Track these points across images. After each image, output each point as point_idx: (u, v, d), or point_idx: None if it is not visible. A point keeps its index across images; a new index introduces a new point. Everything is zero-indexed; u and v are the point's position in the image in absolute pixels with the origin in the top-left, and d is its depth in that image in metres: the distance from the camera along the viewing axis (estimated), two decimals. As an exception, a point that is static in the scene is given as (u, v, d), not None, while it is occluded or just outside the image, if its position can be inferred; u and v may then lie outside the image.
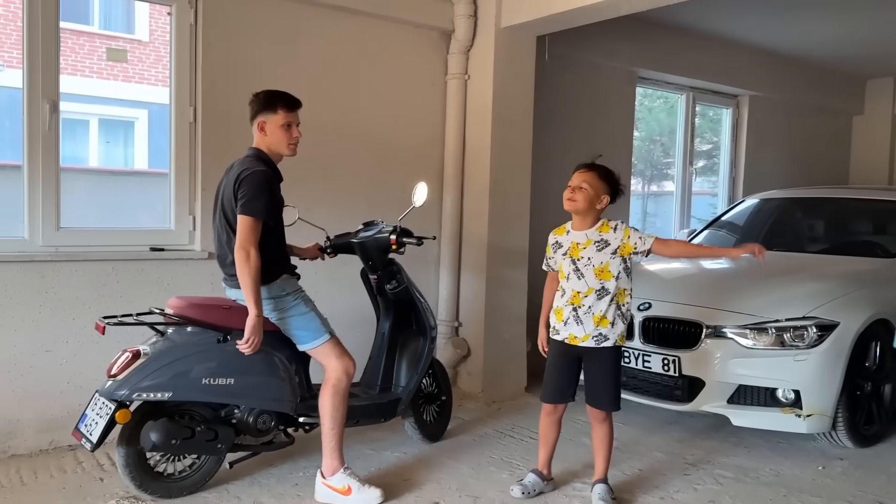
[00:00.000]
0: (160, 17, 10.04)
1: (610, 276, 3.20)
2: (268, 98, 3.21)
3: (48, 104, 3.77)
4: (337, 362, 3.26)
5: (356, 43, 4.75)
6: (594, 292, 3.21)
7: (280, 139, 3.21)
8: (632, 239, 3.19)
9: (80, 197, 4.44)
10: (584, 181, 3.21)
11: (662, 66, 6.53)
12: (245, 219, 3.04)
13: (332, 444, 3.27)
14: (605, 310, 3.20)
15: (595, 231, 3.25)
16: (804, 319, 3.96)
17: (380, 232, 3.75)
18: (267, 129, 3.20)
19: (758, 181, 7.50)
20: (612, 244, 3.21)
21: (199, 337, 3.21)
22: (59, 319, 3.82)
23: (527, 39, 5.10)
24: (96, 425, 3.05)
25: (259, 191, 3.06)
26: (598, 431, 3.36)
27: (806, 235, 5.71)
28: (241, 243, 3.02)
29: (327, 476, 3.29)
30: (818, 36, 6.68)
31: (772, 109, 7.75)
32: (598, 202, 3.22)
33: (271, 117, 3.19)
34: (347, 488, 3.25)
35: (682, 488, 3.57)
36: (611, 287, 3.20)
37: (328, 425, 3.26)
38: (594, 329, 3.22)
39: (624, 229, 3.22)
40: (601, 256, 3.21)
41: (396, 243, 3.68)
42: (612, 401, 3.30)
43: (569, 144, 6.00)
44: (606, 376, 3.27)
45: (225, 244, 3.23)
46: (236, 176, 3.12)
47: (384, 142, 4.89)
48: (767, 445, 4.19)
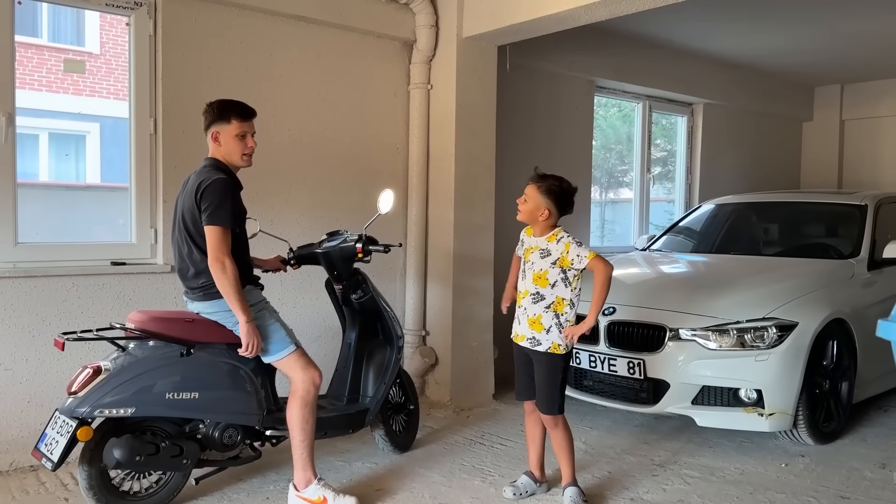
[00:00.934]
0: (111, 28, 9.87)
1: (546, 284, 3.28)
2: (221, 107, 3.18)
3: (4, 117, 3.68)
4: (303, 374, 3.24)
5: (318, 53, 4.75)
6: (530, 295, 3.31)
7: (234, 149, 3.18)
8: (570, 254, 3.24)
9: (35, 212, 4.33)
10: (526, 193, 3.32)
11: (620, 76, 6.66)
12: (213, 229, 3.02)
13: (304, 456, 3.24)
14: (540, 314, 3.28)
15: (544, 240, 3.34)
16: (764, 320, 4.06)
17: (345, 241, 3.74)
18: (221, 139, 3.17)
19: (713, 187, 7.68)
20: (553, 254, 3.28)
21: (161, 351, 3.16)
22: (18, 337, 3.72)
23: (488, 49, 5.16)
24: (57, 444, 2.97)
25: (222, 199, 3.04)
26: (553, 437, 3.41)
27: (761, 239, 5.86)
28: (214, 255, 3.00)
29: (301, 489, 3.26)
30: (768, 45, 6.89)
31: (725, 117, 7.95)
32: (538, 214, 3.29)
33: (225, 127, 3.17)
34: (322, 499, 3.23)
35: (651, 489, 3.62)
36: (545, 294, 3.28)
37: (298, 437, 3.23)
38: (528, 330, 3.32)
39: (566, 243, 3.27)
40: (542, 263, 3.30)
41: (363, 251, 3.68)
42: (544, 404, 3.34)
43: (529, 153, 6.07)
44: (541, 380, 3.34)
45: (186, 257, 3.19)
46: (196, 187, 3.09)
47: (348, 152, 4.89)
48: (731, 445, 4.28)
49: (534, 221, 3.34)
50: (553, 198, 3.28)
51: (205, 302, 3.18)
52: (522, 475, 3.55)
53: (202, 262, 3.11)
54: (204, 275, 3.12)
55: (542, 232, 3.35)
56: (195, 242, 3.13)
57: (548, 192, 3.28)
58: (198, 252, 3.14)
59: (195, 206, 3.08)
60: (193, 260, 3.15)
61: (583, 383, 4.51)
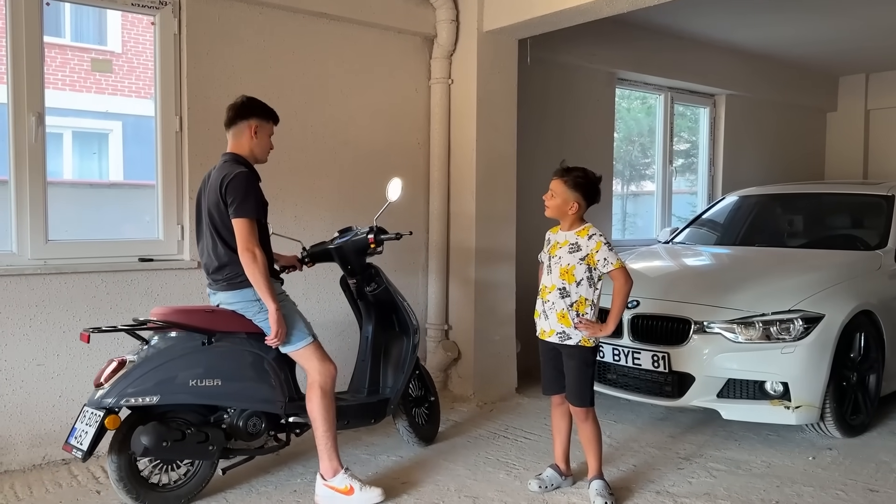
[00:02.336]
0: (133, 27, 9.97)
1: (572, 280, 3.27)
2: (265, 107, 3.35)
3: (34, 117, 3.74)
4: (320, 365, 3.31)
5: (339, 49, 4.77)
6: (557, 290, 3.30)
7: (265, 146, 3.37)
8: (599, 255, 3.24)
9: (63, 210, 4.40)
10: (552, 189, 3.33)
11: (641, 68, 6.62)
12: (241, 221, 3.12)
13: (328, 446, 3.30)
14: (566, 310, 3.28)
15: (573, 234, 3.33)
16: (790, 312, 4.03)
17: (355, 235, 3.79)
18: (259, 134, 3.32)
19: (736, 179, 7.62)
20: (582, 250, 3.28)
21: (183, 341, 3.23)
22: (50, 333, 3.79)
23: (509, 43, 5.15)
24: (86, 435, 3.03)
25: (247, 192, 3.15)
26: (581, 430, 3.41)
27: (786, 231, 5.81)
28: (244, 245, 3.10)
29: (328, 478, 3.31)
30: (791, 35, 6.82)
31: (748, 108, 7.88)
32: (567, 208, 3.30)
33: (265, 125, 3.34)
34: (350, 488, 3.29)
35: (677, 482, 3.62)
36: (571, 290, 3.27)
37: (321, 428, 3.29)
38: (557, 325, 3.30)
39: (598, 241, 3.26)
40: (570, 258, 3.29)
41: (375, 241, 3.73)
42: (576, 397, 3.34)
43: (550, 147, 6.06)
44: (572, 373, 3.34)
45: (211, 251, 3.27)
46: (220, 181, 3.17)
47: (369, 148, 4.91)
48: (757, 438, 4.25)
49: (563, 216, 3.34)
50: (581, 190, 3.29)
51: (227, 292, 3.27)
52: (548, 468, 3.56)
53: (226, 255, 3.21)
54: (228, 267, 3.22)
55: (571, 226, 3.35)
56: (221, 236, 3.21)
57: (574, 185, 3.29)
58: (222, 245, 3.22)
59: (220, 200, 3.16)
60: (218, 254, 3.23)
61: (607, 377, 4.50)
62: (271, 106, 3.40)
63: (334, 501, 3.30)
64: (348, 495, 3.28)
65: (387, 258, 4.91)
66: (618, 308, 3.26)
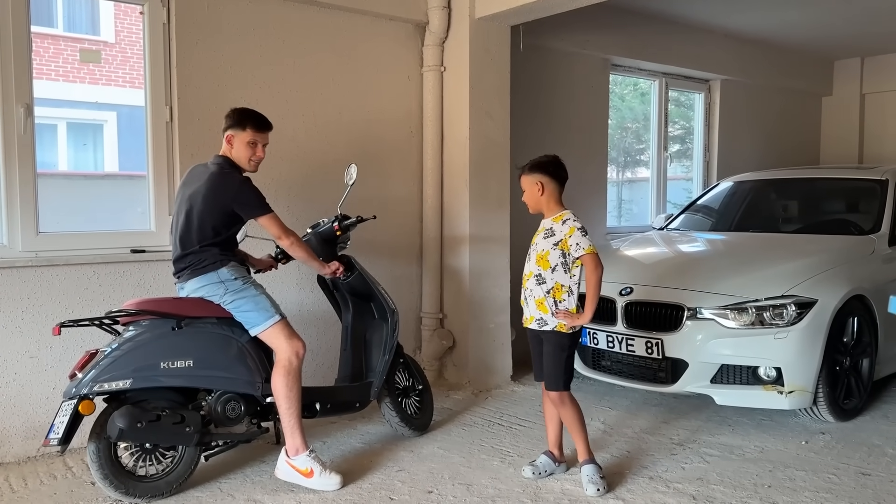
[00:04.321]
0: (125, 17, 9.90)
1: (547, 266, 3.30)
2: (240, 116, 3.44)
3: (22, 108, 3.72)
4: (286, 343, 3.35)
5: (330, 37, 4.74)
6: (534, 276, 3.34)
7: (243, 155, 3.43)
8: (572, 239, 3.26)
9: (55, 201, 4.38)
10: (522, 186, 3.40)
11: (635, 53, 6.59)
12: (268, 218, 3.35)
13: (291, 424, 3.35)
14: (543, 297, 3.31)
15: (550, 220, 3.37)
16: (783, 298, 4.04)
17: (323, 226, 3.85)
18: (234, 142, 3.43)
19: (731, 164, 7.61)
20: (556, 235, 3.31)
21: (153, 327, 3.27)
22: (43, 325, 3.78)
23: (501, 30, 5.12)
24: (62, 425, 3.06)
25: (253, 190, 3.37)
26: (561, 414, 3.45)
27: (780, 216, 5.81)
28: (281, 235, 3.38)
29: (291, 455, 3.37)
30: (787, 19, 6.78)
31: (743, 93, 7.85)
32: (538, 192, 3.35)
33: (239, 133, 3.42)
34: (310, 471, 3.34)
35: (671, 468, 3.63)
36: (546, 277, 3.30)
37: (283, 405, 3.34)
38: (536, 311, 3.35)
39: (571, 226, 3.28)
40: (544, 244, 3.33)
41: (340, 228, 3.79)
42: (550, 380, 3.39)
43: (544, 134, 6.04)
44: (547, 357, 3.38)
45: (179, 241, 3.39)
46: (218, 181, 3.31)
47: (361, 137, 4.89)
48: (751, 423, 4.27)
49: (539, 204, 3.38)
50: (540, 170, 3.35)
51: (192, 279, 3.35)
52: (542, 455, 3.58)
53: (197, 242, 3.32)
54: (192, 255, 3.34)
55: (549, 213, 3.39)
56: (198, 224, 3.31)
57: (531, 169, 3.36)
58: (196, 233, 3.32)
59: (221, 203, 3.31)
60: (188, 240, 3.33)
61: (601, 363, 4.51)
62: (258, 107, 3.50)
63: (293, 479, 3.37)
64: (307, 477, 3.34)
65: (380, 248, 4.93)
66: (592, 295, 3.26)
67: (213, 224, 3.32)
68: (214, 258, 3.33)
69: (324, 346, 4.64)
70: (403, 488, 3.42)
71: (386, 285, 4.08)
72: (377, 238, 4.83)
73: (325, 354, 4.60)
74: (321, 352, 4.62)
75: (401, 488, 3.42)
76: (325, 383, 4.12)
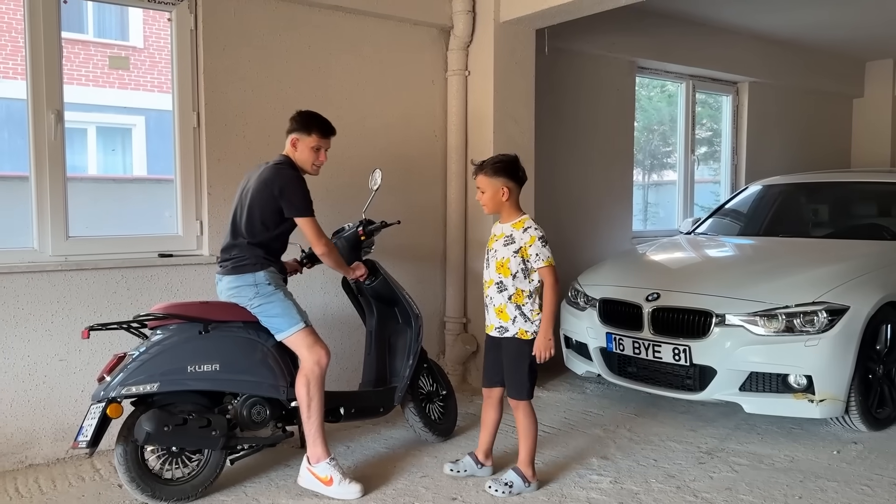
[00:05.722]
0: (154, 23, 10.03)
1: (508, 273, 3.27)
2: (306, 120, 3.48)
3: (53, 114, 3.77)
4: (308, 352, 3.35)
5: (355, 42, 4.75)
6: (494, 284, 3.32)
7: (306, 158, 3.48)
8: (532, 249, 3.23)
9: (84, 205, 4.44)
10: (478, 186, 3.33)
11: (662, 56, 6.53)
12: (306, 220, 3.37)
13: (312, 432, 3.36)
14: (504, 304, 3.29)
15: (510, 226, 3.33)
16: (814, 305, 3.96)
17: (347, 231, 3.87)
18: (298, 146, 3.48)
19: (760, 167, 7.51)
20: (516, 242, 3.27)
21: (180, 331, 3.29)
22: (72, 328, 3.83)
23: (526, 33, 5.10)
24: (91, 427, 3.09)
25: (301, 190, 3.37)
26: (520, 421, 3.42)
27: (811, 220, 5.71)
28: (316, 241, 3.39)
29: (312, 463, 3.37)
30: (816, 20, 6.68)
31: (772, 95, 7.74)
32: (500, 196, 3.29)
33: (304, 138, 3.46)
34: (330, 479, 3.33)
35: (699, 477, 3.57)
36: (507, 284, 3.27)
37: (305, 413, 3.36)
38: (496, 320, 3.34)
39: (532, 235, 3.25)
40: (505, 251, 3.29)
41: (365, 233, 3.81)
42: (514, 389, 3.36)
43: (570, 138, 6.02)
44: (509, 365, 3.35)
45: (231, 231, 3.43)
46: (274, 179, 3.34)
47: (386, 141, 4.89)
48: (780, 431, 4.19)
49: (499, 206, 3.33)
50: (503, 173, 3.28)
51: (229, 276, 3.38)
52: (466, 455, 3.61)
53: (246, 235, 3.37)
54: (237, 248, 3.38)
55: (508, 217, 3.35)
56: (247, 217, 3.36)
57: (495, 171, 3.28)
58: (245, 225, 3.37)
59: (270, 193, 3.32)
60: (238, 231, 3.39)
61: (626, 370, 4.46)
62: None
63: (314, 487, 3.37)
64: (327, 485, 3.33)
65: (404, 252, 4.92)
66: (551, 311, 3.24)
67: (261, 217, 3.35)
68: (256, 259, 3.35)
69: (348, 350, 4.64)
70: (427, 494, 3.40)
71: (409, 290, 4.07)
72: (401, 242, 4.83)
73: (349, 358, 4.61)
74: (345, 355, 4.63)
75: (424, 494, 3.40)
76: (349, 387, 4.13)
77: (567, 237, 5.99)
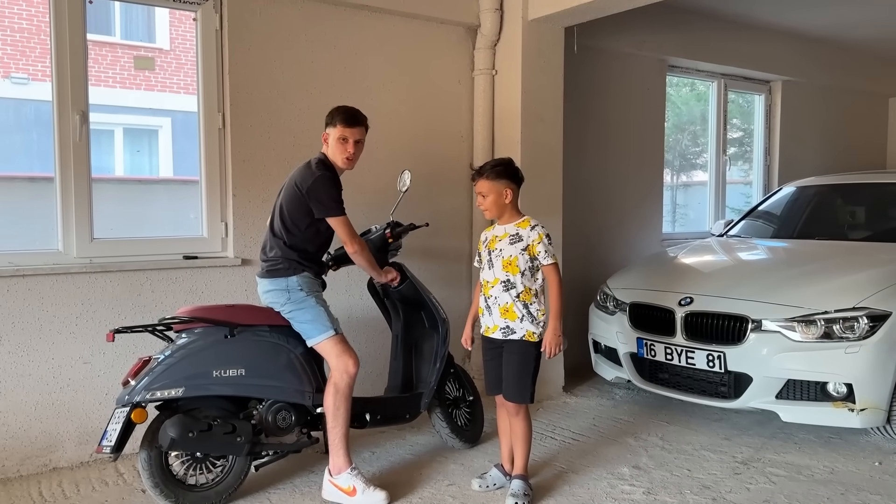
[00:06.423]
0: (180, 24, 10.09)
1: (516, 271, 3.23)
2: (331, 112, 3.44)
3: (78, 115, 3.75)
4: (337, 360, 3.30)
5: (381, 42, 4.69)
6: (500, 283, 3.26)
7: (336, 151, 3.40)
8: (539, 246, 3.23)
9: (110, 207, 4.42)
10: (480, 191, 3.30)
11: (693, 54, 6.39)
12: (337, 220, 3.31)
13: (335, 442, 3.30)
14: (511, 303, 3.23)
15: (513, 226, 3.30)
16: (854, 310, 3.82)
17: (374, 233, 3.81)
18: (329, 140, 3.42)
19: (793, 168, 7.33)
20: (524, 240, 3.25)
21: (206, 335, 3.25)
22: (96, 331, 3.80)
23: (554, 32, 5.00)
24: (115, 432, 3.05)
25: (330, 189, 3.30)
26: (513, 426, 3.37)
27: (847, 223, 5.55)
28: (349, 241, 3.35)
29: (334, 474, 3.31)
30: (850, 17, 6.50)
31: (805, 94, 7.56)
32: (503, 199, 3.27)
33: (331, 130, 3.41)
34: (353, 489, 3.26)
35: (735, 488, 3.45)
36: (515, 281, 3.23)
37: (330, 423, 3.30)
38: (501, 320, 3.27)
39: (540, 233, 3.24)
40: (511, 250, 3.25)
41: (392, 235, 3.75)
42: (515, 392, 3.30)
43: (598, 138, 5.91)
44: (512, 368, 3.28)
45: (269, 233, 3.43)
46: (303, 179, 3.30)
47: (411, 141, 4.82)
48: (818, 441, 4.06)
49: (502, 210, 3.29)
50: (505, 176, 3.26)
51: (266, 279, 3.36)
52: (493, 468, 3.52)
53: (281, 237, 3.34)
54: (275, 250, 3.34)
55: (511, 218, 3.32)
56: (280, 217, 3.34)
57: (497, 175, 3.26)
58: (279, 225, 3.35)
59: (298, 195, 3.29)
60: (276, 231, 3.36)
61: (658, 376, 4.35)
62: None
63: (338, 499, 3.30)
64: (351, 496, 3.26)
65: (429, 254, 4.85)
66: (558, 307, 3.24)
67: (290, 218, 3.31)
68: (290, 264, 3.30)
69: (372, 353, 4.57)
70: (454, 503, 3.32)
71: (434, 292, 4.00)
72: (426, 244, 4.75)
73: (374, 362, 4.54)
74: (370, 359, 4.55)
75: (450, 503, 3.32)
76: (373, 391, 4.06)
77: (595, 239, 5.88)
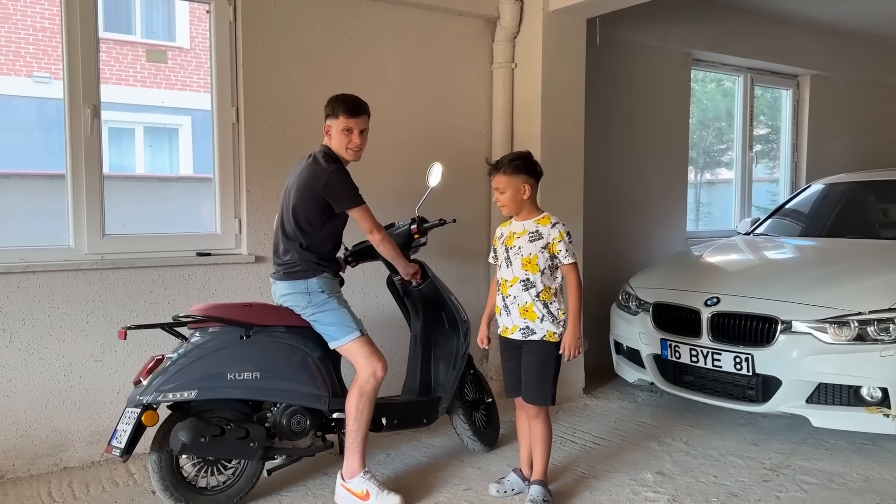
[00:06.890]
0: (200, 23, 10.07)
1: (536, 270, 3.12)
2: (332, 102, 3.30)
3: (89, 109, 3.69)
4: (365, 362, 3.20)
5: (398, 34, 4.59)
6: (519, 282, 3.15)
7: (340, 143, 3.27)
8: (560, 244, 3.12)
9: (127, 204, 4.38)
10: (497, 186, 3.18)
11: (718, 48, 6.23)
12: (357, 210, 3.20)
13: (353, 446, 3.20)
14: (531, 302, 3.12)
15: (532, 222, 3.19)
16: (890, 311, 3.66)
17: (398, 228, 3.68)
18: (331, 132, 3.30)
19: (822, 165, 7.14)
20: (544, 238, 3.14)
21: (221, 335, 3.15)
22: (107, 328, 3.74)
23: (576, 23, 4.87)
24: (125, 434, 2.97)
25: (349, 184, 3.21)
26: (532, 428, 3.26)
27: (879, 220, 5.36)
28: (373, 229, 3.23)
29: (346, 479, 3.21)
30: (881, 10, 6.31)
31: (834, 89, 7.36)
32: (521, 194, 3.16)
33: (333, 122, 3.28)
34: (366, 493, 3.16)
35: (764, 496, 3.31)
36: (535, 280, 3.12)
37: (351, 426, 3.20)
38: (521, 320, 3.16)
39: (560, 231, 3.13)
40: (531, 247, 3.14)
41: (419, 231, 3.62)
42: (536, 394, 3.19)
43: (620, 133, 5.77)
44: (532, 369, 3.18)
45: (281, 233, 3.29)
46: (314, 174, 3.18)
47: (429, 136, 4.72)
48: (851, 447, 3.90)
49: (520, 206, 3.18)
50: (523, 171, 3.15)
51: (283, 282, 3.25)
52: (511, 472, 3.40)
53: (290, 237, 3.23)
54: (290, 253, 3.22)
55: (529, 215, 3.20)
56: (293, 217, 3.21)
57: (515, 170, 3.14)
58: (291, 225, 3.22)
59: (312, 194, 3.17)
60: (286, 232, 3.24)
61: (683, 379, 4.21)
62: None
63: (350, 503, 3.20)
64: (364, 500, 3.16)
65: (447, 251, 4.74)
66: (577, 307, 3.15)
67: (305, 217, 3.19)
68: (308, 266, 3.19)
69: (389, 353, 4.40)
70: (471, 509, 3.22)
71: (452, 291, 3.89)
72: (443, 241, 4.65)
73: (390, 362, 4.40)
74: (387, 358, 4.46)
75: (468, 509, 3.22)
76: (390, 392, 3.96)
77: (618, 237, 5.75)
